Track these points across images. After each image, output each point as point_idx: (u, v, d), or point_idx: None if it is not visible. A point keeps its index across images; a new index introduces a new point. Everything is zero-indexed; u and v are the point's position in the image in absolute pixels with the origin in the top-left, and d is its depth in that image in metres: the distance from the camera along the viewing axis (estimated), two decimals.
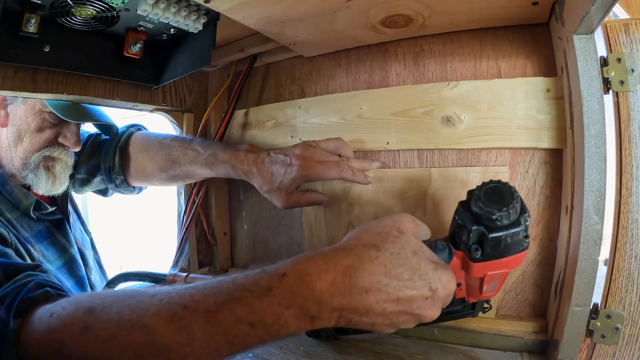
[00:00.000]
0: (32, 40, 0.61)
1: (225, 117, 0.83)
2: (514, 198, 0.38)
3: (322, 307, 0.32)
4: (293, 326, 0.32)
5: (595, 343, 0.48)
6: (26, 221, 0.73)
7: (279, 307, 0.31)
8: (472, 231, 0.38)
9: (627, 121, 0.47)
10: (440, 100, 0.62)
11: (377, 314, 0.34)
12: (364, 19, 0.58)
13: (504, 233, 0.37)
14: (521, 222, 0.38)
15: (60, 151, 0.74)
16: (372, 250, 0.34)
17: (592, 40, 0.46)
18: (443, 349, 0.57)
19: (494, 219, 0.37)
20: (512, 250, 0.39)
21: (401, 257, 0.35)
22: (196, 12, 0.65)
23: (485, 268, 0.40)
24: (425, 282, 0.35)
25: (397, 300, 0.34)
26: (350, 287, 0.33)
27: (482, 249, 0.38)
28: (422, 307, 0.35)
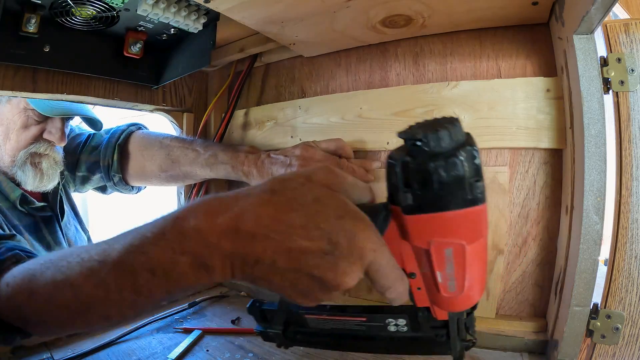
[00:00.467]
0: (32, 40, 0.61)
1: (225, 117, 0.83)
2: (450, 122, 0.28)
3: (212, 252, 0.29)
4: (191, 276, 0.30)
5: (595, 343, 0.48)
6: (16, 213, 0.75)
7: (173, 253, 0.29)
8: (396, 164, 0.29)
9: (627, 121, 0.47)
10: (440, 100, 0.62)
11: (269, 268, 0.29)
12: (364, 19, 0.58)
13: (433, 162, 0.28)
14: (461, 153, 0.28)
15: (45, 147, 0.75)
16: (268, 194, 0.30)
17: (592, 40, 0.46)
18: None
19: (418, 143, 0.28)
20: (455, 197, 0.28)
21: (297, 202, 0.29)
22: (196, 12, 0.65)
23: (424, 226, 0.30)
24: (322, 233, 0.28)
25: (288, 251, 0.28)
26: (237, 230, 0.29)
27: (411, 190, 0.29)
28: (321, 266, 0.28)
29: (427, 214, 0.29)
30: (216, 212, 0.30)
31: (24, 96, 0.67)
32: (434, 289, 0.33)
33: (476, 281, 0.32)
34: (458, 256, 0.30)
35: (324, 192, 0.31)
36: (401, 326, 0.39)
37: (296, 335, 0.45)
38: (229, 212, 0.30)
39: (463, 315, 0.36)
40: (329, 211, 0.29)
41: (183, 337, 0.60)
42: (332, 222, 0.29)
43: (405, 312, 0.38)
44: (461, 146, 0.28)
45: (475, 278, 0.32)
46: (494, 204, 0.59)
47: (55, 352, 0.54)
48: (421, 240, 0.30)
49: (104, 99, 0.76)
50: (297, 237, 0.28)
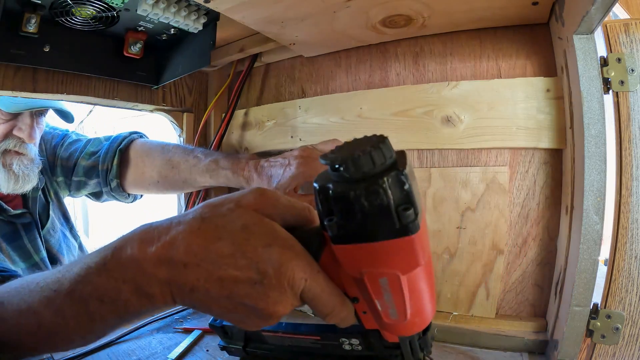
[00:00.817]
0: (32, 40, 0.61)
1: (225, 117, 0.83)
2: (375, 145, 0.25)
3: (149, 280, 0.30)
4: (135, 304, 0.30)
5: (595, 343, 0.48)
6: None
7: (116, 282, 0.30)
8: (319, 190, 0.26)
9: (627, 121, 0.47)
10: (440, 100, 0.62)
11: (203, 296, 0.29)
12: (364, 19, 0.58)
13: (354, 191, 0.25)
14: (384, 179, 0.24)
15: (15, 143, 0.73)
16: (198, 221, 0.30)
17: (592, 40, 0.46)
18: (443, 349, 0.57)
19: (338, 168, 0.25)
20: (381, 226, 0.25)
21: (226, 230, 0.29)
22: (196, 12, 0.65)
23: (352, 256, 0.27)
24: (250, 262, 0.28)
25: (220, 280, 0.28)
26: (170, 259, 0.29)
27: (335, 218, 0.26)
28: (251, 296, 0.28)
29: (352, 245, 0.26)
30: (150, 241, 0.30)
31: (24, 96, 0.67)
32: (377, 316, 0.31)
33: (419, 308, 0.30)
34: (394, 286, 0.27)
35: (252, 218, 0.30)
36: (355, 345, 0.38)
37: (256, 351, 0.44)
38: (161, 240, 0.30)
39: (415, 338, 0.34)
40: (257, 239, 0.29)
41: (183, 337, 0.60)
42: (260, 251, 0.28)
43: (358, 332, 0.37)
44: (387, 170, 0.25)
45: (418, 305, 0.29)
46: (494, 204, 0.59)
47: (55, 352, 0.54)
48: (353, 270, 0.28)
49: (104, 99, 0.76)
50: (226, 266, 0.28)
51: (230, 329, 0.44)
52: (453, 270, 0.62)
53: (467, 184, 0.61)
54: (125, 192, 0.86)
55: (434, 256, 0.64)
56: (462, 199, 0.61)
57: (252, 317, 0.30)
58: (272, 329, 0.41)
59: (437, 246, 0.63)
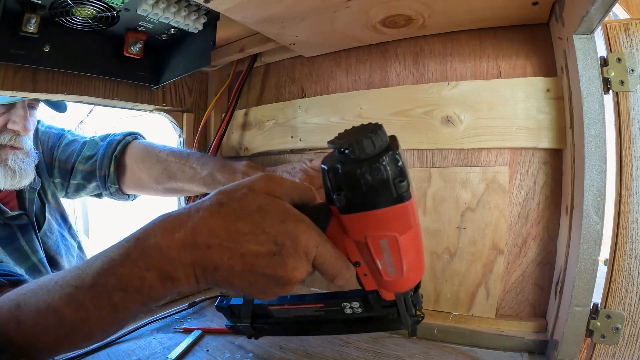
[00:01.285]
0: (32, 40, 0.61)
1: (225, 117, 0.83)
2: (373, 131, 0.31)
3: (174, 265, 0.33)
4: (159, 288, 0.33)
5: (595, 343, 0.48)
6: None
7: (140, 271, 0.32)
8: (327, 170, 0.32)
9: (627, 121, 0.47)
10: (440, 100, 0.62)
11: (227, 273, 0.33)
12: (364, 19, 0.58)
13: (359, 168, 0.31)
14: (384, 158, 0.31)
15: (10, 136, 0.72)
16: (216, 206, 0.34)
17: (592, 40, 0.46)
18: (443, 349, 0.57)
19: (344, 151, 0.31)
20: (382, 196, 0.31)
21: (243, 212, 0.33)
22: (196, 12, 0.65)
23: (358, 223, 0.33)
24: (268, 236, 0.32)
25: (242, 256, 0.32)
26: (194, 243, 0.32)
27: (343, 192, 0.32)
28: (272, 266, 0.33)
29: (359, 213, 0.33)
30: (173, 229, 0.33)
31: (24, 96, 0.67)
32: (377, 275, 0.37)
33: (413, 265, 0.36)
34: (393, 246, 0.34)
35: (265, 199, 0.34)
36: (356, 308, 0.43)
37: (264, 326, 0.49)
38: (184, 227, 0.33)
39: (409, 294, 0.41)
40: (272, 217, 0.33)
41: (183, 337, 0.60)
42: (276, 226, 0.33)
43: (357, 296, 0.42)
44: (384, 151, 0.31)
45: (411, 262, 0.35)
46: (494, 204, 0.59)
47: None
48: (358, 235, 0.34)
49: (104, 99, 0.76)
50: (247, 243, 0.32)
51: (237, 308, 0.48)
52: (453, 270, 0.62)
53: (467, 184, 0.61)
54: (125, 194, 0.87)
55: (434, 256, 0.64)
56: (462, 199, 0.61)
57: (271, 286, 0.34)
58: (278, 302, 0.45)
59: (437, 246, 0.63)
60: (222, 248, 0.32)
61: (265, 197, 0.34)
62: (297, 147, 0.77)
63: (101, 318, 0.33)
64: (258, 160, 0.87)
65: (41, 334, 0.34)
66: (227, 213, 0.33)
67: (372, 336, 0.61)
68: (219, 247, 0.32)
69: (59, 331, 0.34)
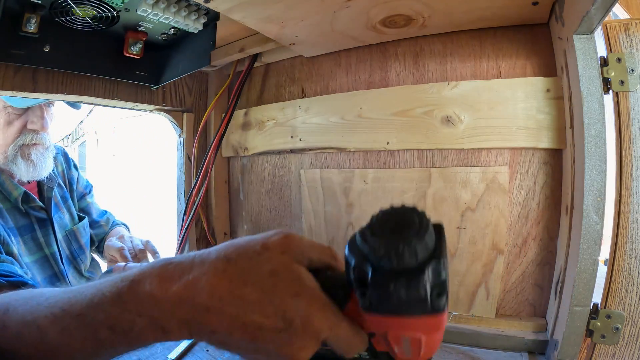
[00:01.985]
0: (32, 40, 0.61)
1: (225, 117, 0.83)
2: (418, 235, 0.26)
3: (168, 318, 0.30)
4: (149, 336, 0.31)
5: (595, 343, 0.48)
6: (14, 213, 0.80)
7: (130, 314, 0.30)
8: (353, 268, 0.28)
9: (627, 121, 0.47)
10: (440, 100, 0.62)
11: (225, 338, 0.29)
12: (364, 19, 0.58)
13: (394, 282, 0.26)
14: (426, 271, 0.26)
15: (32, 136, 0.79)
16: (222, 262, 0.30)
17: (592, 40, 0.46)
18: (443, 349, 0.57)
19: (379, 257, 0.26)
20: (414, 308, 0.27)
21: (253, 274, 0.29)
22: (196, 12, 0.65)
23: (379, 323, 0.29)
24: (277, 310, 0.28)
25: (244, 326, 0.28)
26: (192, 300, 0.29)
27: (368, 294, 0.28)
28: (276, 342, 0.28)
29: (382, 316, 0.28)
30: (170, 279, 0.30)
31: (24, 96, 0.67)
32: (392, 352, 0.32)
33: (432, 350, 0.32)
34: (414, 342, 0.29)
35: (280, 263, 0.30)
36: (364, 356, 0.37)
37: None
38: (183, 279, 0.29)
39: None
40: (285, 287, 0.29)
41: None
42: (287, 300, 0.28)
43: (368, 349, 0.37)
44: (428, 260, 0.26)
45: (430, 351, 0.31)
46: (494, 204, 0.59)
47: None
48: (378, 329, 0.30)
49: (104, 99, 0.76)
50: (252, 313, 0.28)
51: None
52: (453, 270, 0.62)
53: (467, 184, 0.61)
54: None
55: None
56: (462, 199, 0.61)
57: (272, 359, 0.30)
58: None
59: None
60: (222, 313, 0.28)
61: (281, 258, 0.30)
62: (297, 147, 0.77)
63: (84, 347, 0.32)
64: (258, 160, 0.87)
65: (22, 346, 0.33)
66: (234, 273, 0.29)
67: None
68: (218, 312, 0.28)
69: (40, 346, 0.32)
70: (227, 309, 0.28)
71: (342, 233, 0.72)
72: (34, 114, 0.79)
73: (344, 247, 0.30)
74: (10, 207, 0.79)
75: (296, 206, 0.81)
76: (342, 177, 0.72)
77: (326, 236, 0.74)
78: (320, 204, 0.75)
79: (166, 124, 0.93)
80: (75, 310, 0.32)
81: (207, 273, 0.29)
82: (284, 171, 0.83)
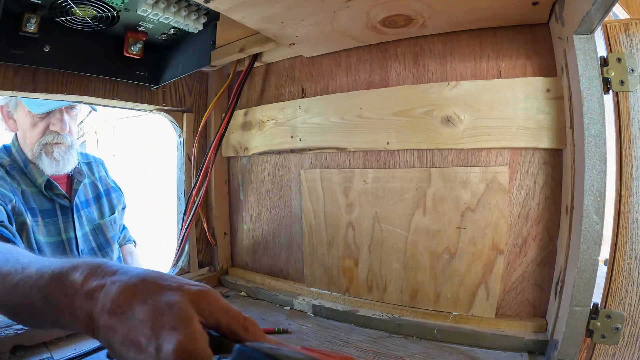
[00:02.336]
0: (32, 40, 0.61)
1: (225, 117, 0.83)
2: None
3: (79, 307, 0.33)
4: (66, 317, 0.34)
5: (595, 343, 0.48)
6: (39, 198, 0.91)
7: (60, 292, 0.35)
8: None
9: (627, 121, 0.47)
10: (440, 100, 0.62)
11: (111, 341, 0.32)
12: (364, 19, 0.58)
13: None
14: None
15: (53, 136, 0.90)
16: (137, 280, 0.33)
17: (592, 40, 0.46)
18: (443, 349, 0.57)
19: None
20: None
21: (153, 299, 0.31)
22: (196, 12, 0.65)
23: None
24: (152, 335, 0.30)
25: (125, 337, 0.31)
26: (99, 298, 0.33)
27: None
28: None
29: None
30: (93, 276, 0.34)
31: (24, 96, 0.67)
32: None
33: None
34: None
35: (181, 303, 0.31)
36: None
37: None
38: (102, 280, 0.33)
39: None
40: (168, 320, 0.30)
41: None
42: (163, 330, 0.29)
43: None
44: None
45: None
46: (494, 204, 0.59)
47: (55, 352, 0.54)
48: None
49: (104, 99, 0.76)
50: (135, 329, 0.30)
51: None
52: (453, 270, 0.62)
53: (467, 184, 0.61)
54: None
55: (434, 256, 0.64)
56: (462, 199, 0.61)
57: None
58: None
59: (437, 246, 0.63)
60: (116, 320, 0.31)
61: (184, 301, 0.31)
62: (297, 147, 0.77)
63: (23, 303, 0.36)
64: (258, 160, 0.87)
65: None
66: (140, 291, 0.32)
67: (372, 336, 0.61)
68: (114, 317, 0.31)
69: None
70: (121, 318, 0.31)
71: (342, 233, 0.72)
72: (55, 117, 0.90)
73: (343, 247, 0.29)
74: (36, 191, 0.90)
75: (296, 206, 0.81)
76: (342, 177, 0.72)
77: (326, 236, 0.74)
78: (320, 204, 0.75)
79: (166, 124, 0.93)
80: (29, 272, 0.37)
81: (121, 282, 0.32)
82: (284, 171, 0.83)
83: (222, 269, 0.91)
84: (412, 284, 0.66)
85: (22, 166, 0.91)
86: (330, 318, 0.69)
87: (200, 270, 0.89)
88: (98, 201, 1.07)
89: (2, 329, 0.53)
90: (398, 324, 0.63)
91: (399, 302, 0.67)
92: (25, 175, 0.91)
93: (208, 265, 0.91)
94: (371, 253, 0.69)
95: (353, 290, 0.72)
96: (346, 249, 0.72)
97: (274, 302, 0.77)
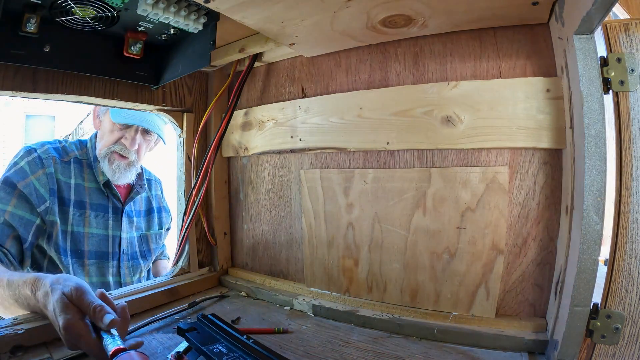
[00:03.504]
0: (32, 40, 0.61)
1: (225, 117, 0.83)
2: None
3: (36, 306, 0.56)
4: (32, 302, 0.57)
5: (595, 343, 0.48)
6: (96, 193, 1.00)
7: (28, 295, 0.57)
8: None
9: (627, 121, 0.47)
10: (440, 100, 0.62)
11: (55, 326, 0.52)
12: (364, 19, 0.58)
13: None
14: None
15: (120, 147, 0.99)
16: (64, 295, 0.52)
17: (592, 40, 0.46)
18: (443, 349, 0.57)
19: None
20: None
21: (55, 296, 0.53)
22: (196, 12, 0.65)
23: None
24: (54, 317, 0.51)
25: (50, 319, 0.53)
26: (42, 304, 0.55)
27: None
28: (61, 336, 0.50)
29: None
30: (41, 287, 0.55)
31: (24, 96, 0.67)
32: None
33: None
34: None
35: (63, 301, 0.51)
36: None
37: None
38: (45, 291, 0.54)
39: None
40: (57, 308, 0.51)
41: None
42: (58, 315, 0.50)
43: None
44: None
45: None
46: (494, 204, 0.59)
47: (54, 352, 0.54)
48: None
49: (104, 99, 0.76)
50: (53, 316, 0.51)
51: None
52: (453, 270, 0.62)
53: (467, 184, 0.61)
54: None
55: (434, 256, 0.64)
56: (462, 199, 0.61)
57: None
58: None
59: (437, 246, 0.63)
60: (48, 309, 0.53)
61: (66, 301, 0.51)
62: (297, 147, 0.77)
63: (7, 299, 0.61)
64: (258, 160, 0.87)
65: None
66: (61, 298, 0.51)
67: (372, 336, 0.61)
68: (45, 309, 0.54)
69: None
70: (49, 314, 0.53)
71: (342, 233, 0.72)
72: (129, 133, 1.00)
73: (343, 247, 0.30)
74: (95, 187, 1.00)
75: (296, 206, 0.81)
76: (342, 177, 0.72)
77: (326, 236, 0.74)
78: (320, 204, 0.75)
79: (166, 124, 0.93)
80: (12, 279, 0.60)
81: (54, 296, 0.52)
82: (284, 171, 0.83)
83: (222, 269, 0.91)
84: (412, 284, 0.66)
85: (90, 161, 1.01)
86: (330, 318, 0.69)
87: (200, 270, 0.89)
88: (148, 215, 1.16)
89: (1, 329, 0.53)
90: (398, 324, 0.63)
91: (399, 302, 0.67)
92: (90, 169, 1.01)
93: (208, 265, 0.91)
94: (371, 253, 0.69)
95: (353, 290, 0.72)
96: (346, 249, 0.72)
97: (274, 302, 0.77)
